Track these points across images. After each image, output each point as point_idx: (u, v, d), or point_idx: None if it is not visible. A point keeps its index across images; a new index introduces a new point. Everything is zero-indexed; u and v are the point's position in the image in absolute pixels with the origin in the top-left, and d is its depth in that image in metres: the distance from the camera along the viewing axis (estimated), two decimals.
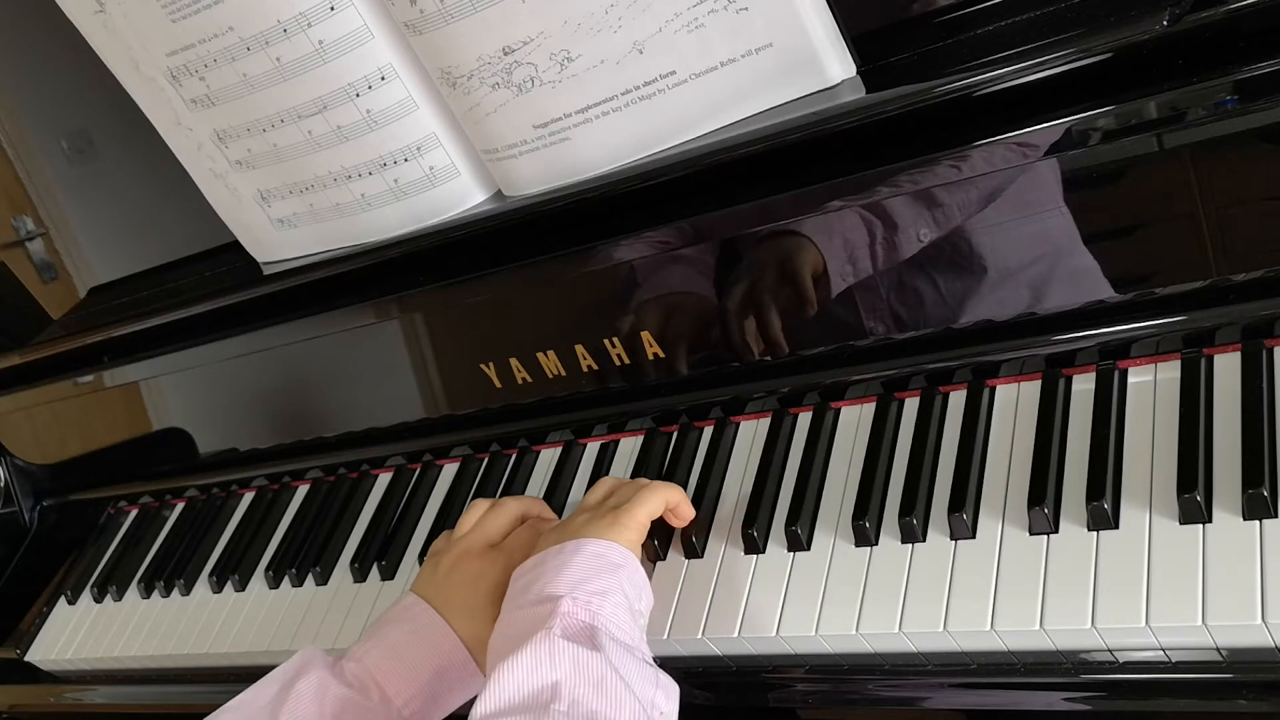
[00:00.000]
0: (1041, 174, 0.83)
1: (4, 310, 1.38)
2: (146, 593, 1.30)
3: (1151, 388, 0.86)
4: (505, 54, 0.90)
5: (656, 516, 0.92)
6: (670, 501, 0.93)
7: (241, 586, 1.22)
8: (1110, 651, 0.77)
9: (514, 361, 1.09)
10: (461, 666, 0.91)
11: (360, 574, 1.14)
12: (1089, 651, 0.78)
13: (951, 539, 0.85)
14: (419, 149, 1.00)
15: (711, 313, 0.99)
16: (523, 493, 1.12)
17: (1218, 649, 0.74)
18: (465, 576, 0.94)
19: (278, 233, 1.12)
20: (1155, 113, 0.78)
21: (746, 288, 0.97)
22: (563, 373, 1.07)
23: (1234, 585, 0.72)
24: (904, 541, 0.86)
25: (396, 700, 0.88)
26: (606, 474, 1.08)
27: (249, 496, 1.34)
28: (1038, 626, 0.77)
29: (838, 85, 0.85)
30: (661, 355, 1.02)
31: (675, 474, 1.02)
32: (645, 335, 1.02)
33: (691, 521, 0.96)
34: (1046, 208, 0.84)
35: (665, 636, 0.91)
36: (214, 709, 0.87)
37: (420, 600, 0.93)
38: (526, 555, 0.97)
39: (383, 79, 0.97)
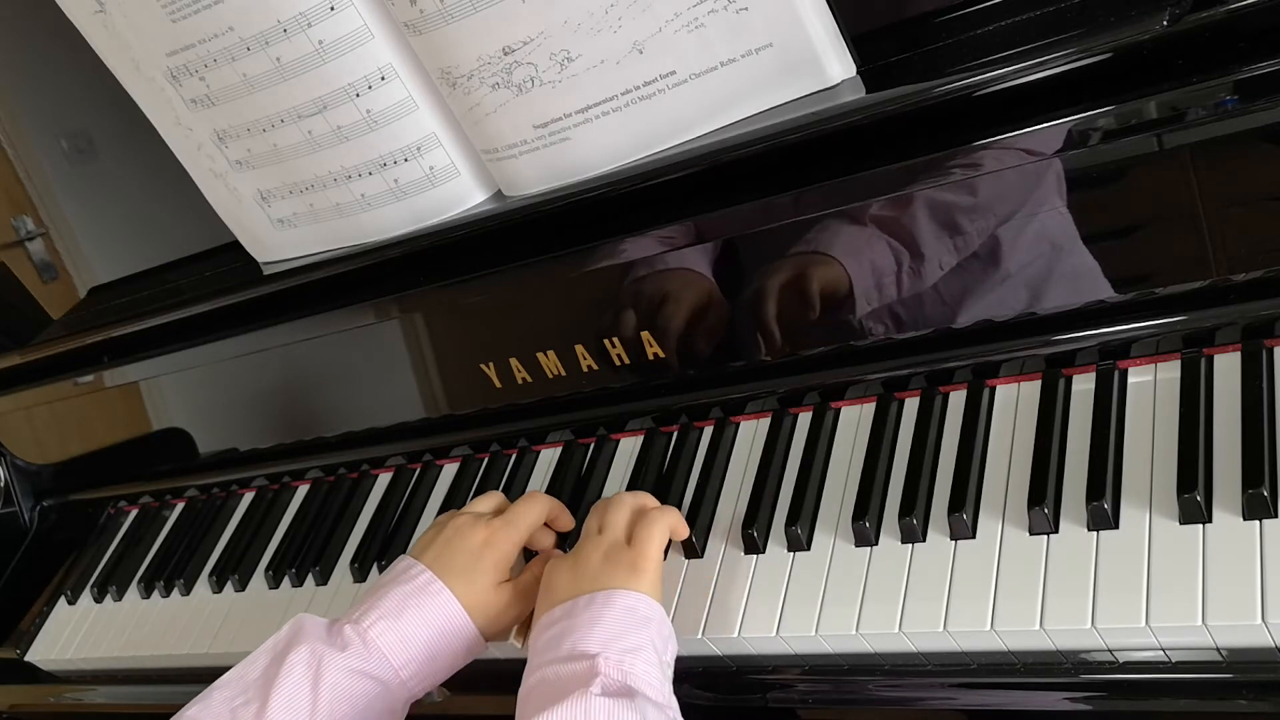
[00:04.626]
0: (1041, 174, 0.83)
1: (4, 310, 1.38)
2: (146, 593, 1.30)
3: (1151, 388, 0.86)
4: (505, 54, 0.90)
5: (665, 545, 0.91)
6: (673, 528, 0.92)
7: (241, 586, 1.22)
8: (1110, 651, 0.77)
9: (514, 361, 1.09)
10: (460, 630, 0.90)
11: (360, 574, 1.14)
12: (1089, 651, 0.78)
13: (951, 539, 0.85)
14: (419, 149, 1.00)
15: (711, 313, 0.99)
16: (523, 492, 1.11)
17: (1218, 649, 0.74)
18: (470, 543, 0.93)
19: (278, 233, 1.12)
20: (1155, 113, 0.78)
21: (747, 288, 0.97)
22: (563, 373, 1.07)
23: (1234, 585, 0.72)
24: (904, 541, 0.86)
25: (395, 662, 0.87)
26: (606, 474, 1.08)
27: (249, 496, 1.34)
28: (1038, 626, 0.77)
29: (838, 85, 0.85)
30: (661, 355, 1.02)
31: (675, 474, 1.02)
32: (645, 335, 1.02)
33: (691, 523, 0.96)
34: (1046, 207, 0.84)
35: None
36: None
37: (416, 562, 0.93)
38: (531, 530, 0.96)
39: (383, 79, 0.97)
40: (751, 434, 1.02)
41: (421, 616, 0.89)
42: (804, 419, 1.00)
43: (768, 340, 0.97)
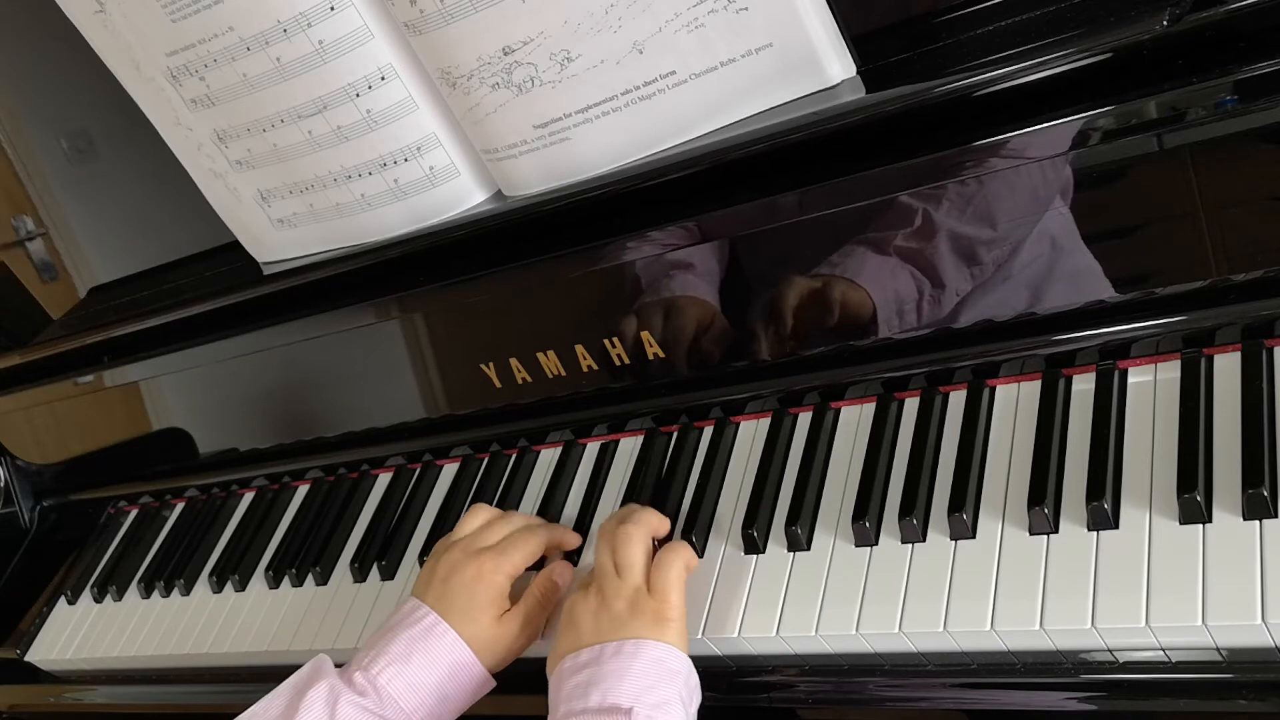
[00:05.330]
0: (1041, 174, 0.83)
1: (4, 310, 1.38)
2: (146, 593, 1.30)
3: (1151, 388, 0.86)
4: (505, 54, 0.90)
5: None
6: (686, 565, 0.91)
7: (241, 587, 1.22)
8: (1110, 651, 0.77)
9: (514, 361, 1.09)
10: (468, 669, 0.91)
11: (360, 574, 1.14)
12: (1089, 651, 0.78)
13: (951, 539, 0.85)
14: (419, 149, 1.00)
15: (711, 313, 0.99)
16: (523, 492, 1.12)
17: (1218, 649, 0.74)
18: (464, 579, 0.93)
19: (278, 233, 1.12)
20: (1155, 113, 0.78)
21: (746, 288, 0.97)
22: (563, 373, 1.07)
23: (1234, 585, 0.72)
24: (904, 541, 0.86)
25: (406, 706, 0.88)
26: (606, 474, 1.08)
27: (249, 496, 1.34)
28: (1038, 626, 0.77)
29: (838, 85, 0.85)
30: (662, 355, 1.02)
31: (675, 474, 1.02)
32: (645, 335, 1.02)
33: (691, 523, 0.96)
34: (1046, 207, 0.84)
35: None
36: (213, 710, 0.88)
37: (421, 604, 0.93)
38: (525, 562, 0.96)
39: (383, 79, 0.97)
40: (751, 434, 1.02)
41: (429, 660, 0.90)
42: (804, 419, 1.00)
43: (763, 335, 0.97)
